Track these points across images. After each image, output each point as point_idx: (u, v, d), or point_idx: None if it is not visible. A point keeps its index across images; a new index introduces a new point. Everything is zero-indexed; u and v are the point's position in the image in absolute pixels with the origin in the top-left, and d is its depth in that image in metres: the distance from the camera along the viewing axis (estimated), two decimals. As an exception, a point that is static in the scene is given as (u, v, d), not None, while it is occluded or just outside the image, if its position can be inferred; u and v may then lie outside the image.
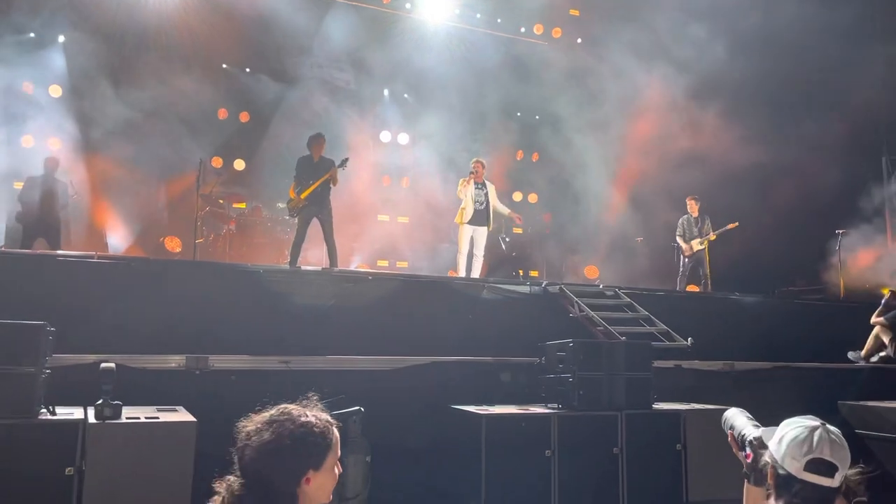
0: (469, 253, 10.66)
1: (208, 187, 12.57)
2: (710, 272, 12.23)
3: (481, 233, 10.71)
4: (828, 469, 2.16)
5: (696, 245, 12.02)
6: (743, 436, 2.62)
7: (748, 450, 2.54)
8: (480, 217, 10.61)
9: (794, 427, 2.26)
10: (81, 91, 13.98)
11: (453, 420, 5.84)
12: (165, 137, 14.16)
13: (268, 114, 15.62)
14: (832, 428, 2.24)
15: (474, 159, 11.01)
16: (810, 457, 2.17)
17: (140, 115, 14.01)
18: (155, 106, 14.08)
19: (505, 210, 11.18)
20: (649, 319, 8.58)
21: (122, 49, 14.34)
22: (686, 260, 12.14)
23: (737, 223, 12.22)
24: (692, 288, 12.60)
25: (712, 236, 12.08)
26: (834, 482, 2.16)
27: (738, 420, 2.72)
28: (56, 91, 14.03)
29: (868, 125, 15.17)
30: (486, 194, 10.70)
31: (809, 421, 2.26)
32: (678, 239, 12.31)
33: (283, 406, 2.30)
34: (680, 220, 12.39)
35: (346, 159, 10.03)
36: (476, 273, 10.73)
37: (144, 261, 9.61)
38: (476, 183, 10.66)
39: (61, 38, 14.13)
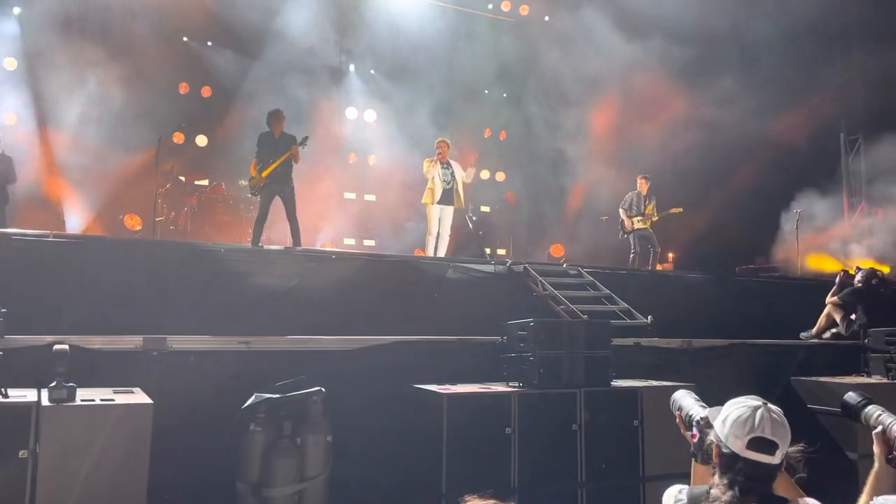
0: (437, 233, 10.76)
1: (169, 164, 12.34)
2: (662, 250, 12.48)
3: (448, 212, 10.81)
4: (769, 447, 2.23)
5: (638, 223, 12.17)
6: (690, 416, 2.69)
7: (694, 430, 2.61)
8: (448, 197, 10.67)
9: (737, 407, 2.32)
10: (37, 64, 13.59)
11: (415, 399, 5.86)
12: (124, 112, 13.85)
13: (230, 89, 15.35)
14: (773, 407, 2.31)
15: (439, 139, 11.01)
16: (752, 436, 2.24)
17: (98, 90, 13.66)
18: (114, 80, 13.73)
19: (468, 179, 11.09)
20: (611, 298, 8.70)
21: (81, 21, 13.91)
22: (633, 237, 12.29)
23: (681, 209, 12.46)
24: (661, 267, 12.83)
25: (655, 217, 12.27)
26: (775, 459, 2.24)
27: (686, 401, 2.79)
28: (11, 64, 13.62)
29: (826, 103, 15.44)
30: (453, 173, 10.73)
31: (752, 401, 2.33)
32: (621, 212, 12.45)
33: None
34: (627, 195, 12.54)
35: (307, 137, 9.93)
36: (442, 252, 10.76)
37: (101, 239, 9.44)
38: (442, 163, 10.70)
39: (16, 10, 13.69)
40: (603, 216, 14.65)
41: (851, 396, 2.81)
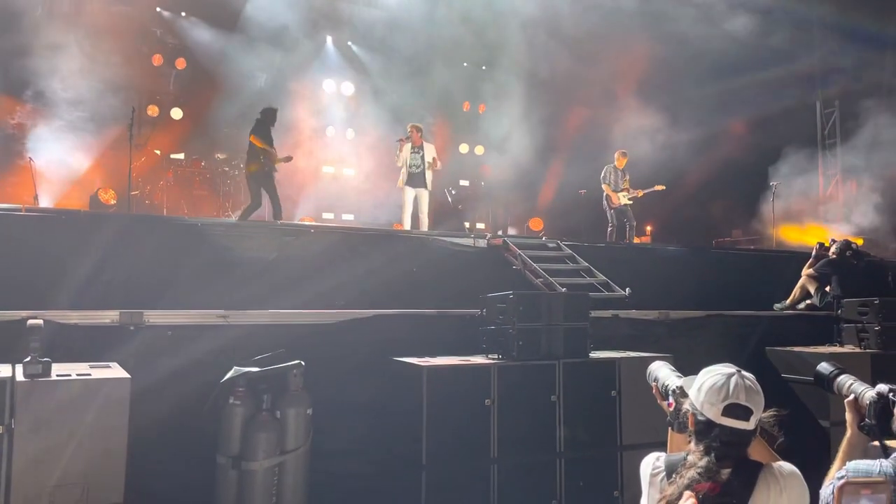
0: (413, 214, 11.10)
1: (143, 137, 12.14)
2: (640, 223, 12.56)
3: (422, 194, 11.10)
4: (744, 413, 2.26)
5: (623, 199, 12.19)
6: (666, 386, 2.72)
7: (671, 398, 2.64)
8: (416, 179, 11.02)
9: (711, 375, 2.35)
10: (6, 32, 13.23)
11: (395, 372, 5.87)
12: (97, 83, 13.56)
13: (205, 61, 15.06)
14: (747, 374, 2.35)
15: (409, 124, 11.37)
16: (727, 402, 2.27)
17: (69, 60, 13.35)
18: (86, 51, 13.42)
19: (436, 165, 11.34)
20: (589, 270, 8.75)
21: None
22: (611, 212, 12.30)
23: (664, 186, 12.50)
24: (639, 240, 12.91)
25: (639, 193, 12.30)
26: (749, 425, 2.28)
27: (662, 372, 2.82)
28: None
29: (803, 76, 15.55)
30: (423, 157, 11.02)
31: (726, 368, 2.36)
32: (605, 186, 12.39)
33: None
34: (606, 168, 12.46)
35: (290, 157, 10.59)
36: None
37: (76, 213, 9.29)
38: (413, 147, 11.02)
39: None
40: (581, 190, 14.70)
41: (824, 367, 2.85)
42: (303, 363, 5.32)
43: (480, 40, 16.81)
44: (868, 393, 2.56)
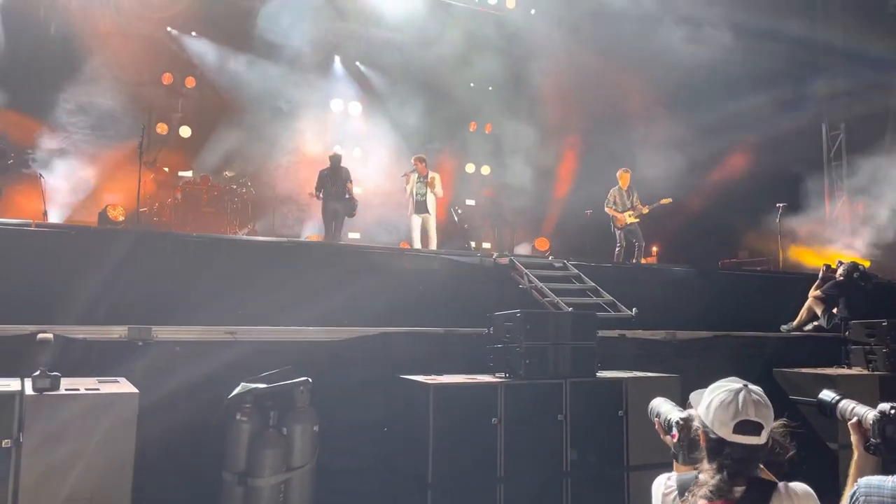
0: (421, 238, 11.78)
1: (152, 154, 12.24)
2: (646, 244, 12.52)
3: (427, 219, 11.83)
4: (754, 428, 2.27)
5: (629, 217, 12.17)
6: (668, 420, 2.71)
7: (674, 430, 2.63)
8: (421, 207, 11.77)
9: (719, 392, 2.35)
10: (19, 50, 13.41)
11: (402, 389, 5.87)
12: (108, 102, 13.72)
13: (215, 79, 15.21)
14: (754, 388, 2.35)
15: (414, 157, 12.08)
16: (737, 420, 2.27)
17: (81, 78, 13.51)
18: (97, 69, 13.59)
19: (440, 194, 12.14)
20: (596, 290, 8.75)
21: (63, 7, 13.72)
22: (619, 232, 12.29)
23: (670, 199, 12.43)
24: (646, 261, 12.86)
25: (645, 210, 12.24)
26: (761, 440, 2.28)
27: (664, 407, 2.82)
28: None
29: (809, 98, 15.61)
30: (426, 186, 11.78)
31: (733, 384, 2.36)
32: (609, 209, 12.40)
33: None
34: (610, 191, 12.49)
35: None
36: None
37: (85, 229, 9.34)
38: (419, 177, 11.76)
39: (-5, -4, 13.50)
40: (587, 210, 14.70)
41: (826, 394, 2.87)
42: (310, 380, 5.32)
43: (487, 60, 16.94)
44: (870, 413, 2.58)
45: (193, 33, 15.33)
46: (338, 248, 9.76)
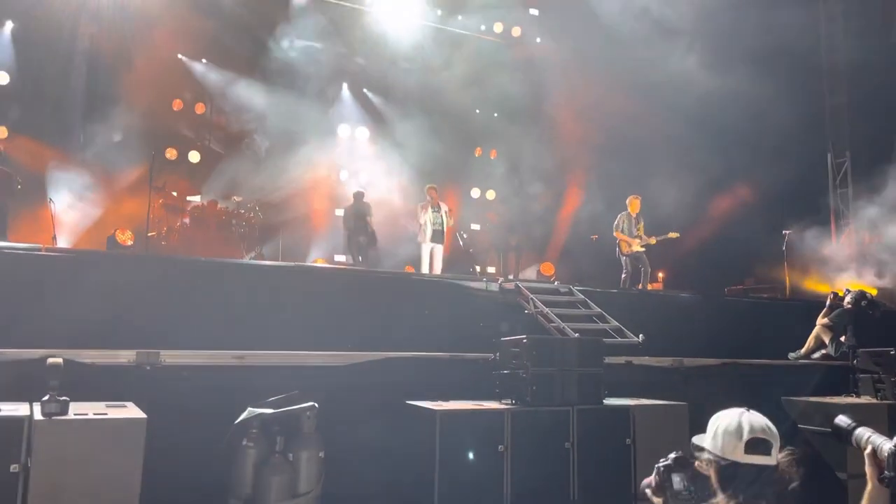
0: (429, 266, 12.03)
1: (161, 179, 12.35)
2: (652, 270, 12.49)
3: (439, 248, 12.21)
4: (765, 446, 2.28)
5: (637, 246, 12.11)
6: (658, 468, 2.68)
7: (654, 475, 2.60)
8: (437, 236, 12.15)
9: (723, 419, 2.37)
10: (31, 79, 13.61)
11: (408, 415, 5.86)
12: (118, 127, 13.89)
13: (224, 105, 15.39)
14: (754, 411, 2.38)
15: (428, 186, 12.43)
16: (747, 438, 2.28)
17: (91, 104, 13.70)
18: (108, 94, 13.78)
19: (451, 223, 12.58)
20: (602, 316, 8.73)
21: (75, 36, 13.94)
22: (625, 258, 12.23)
23: (678, 234, 12.41)
24: (652, 287, 12.82)
25: (652, 241, 12.18)
26: (772, 460, 2.29)
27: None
28: (3, 78, 13.63)
29: (815, 126, 15.67)
30: (442, 216, 12.17)
31: (733, 410, 2.38)
32: (618, 234, 12.32)
33: None
34: (619, 216, 12.41)
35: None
36: None
37: (94, 253, 9.40)
38: (433, 206, 12.14)
39: (9, 24, 13.72)
40: (593, 235, 14.72)
41: (842, 420, 2.84)
42: (316, 405, 5.32)
43: (493, 87, 17.11)
44: (886, 445, 2.54)
45: (204, 60, 15.53)
46: (343, 272, 9.79)
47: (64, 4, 13.36)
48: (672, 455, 2.59)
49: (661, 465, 2.59)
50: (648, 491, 2.67)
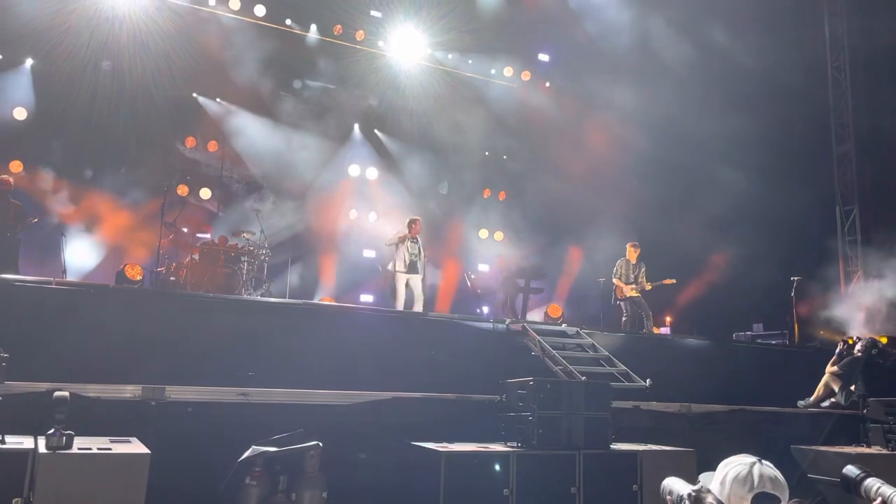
0: (407, 299, 11.73)
1: (172, 215, 12.47)
2: (660, 314, 12.47)
3: (416, 279, 11.84)
4: (772, 502, 2.23)
5: (631, 291, 12.18)
6: (680, 496, 2.66)
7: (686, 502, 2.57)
8: (413, 267, 11.76)
9: (733, 466, 2.33)
10: (47, 115, 13.87)
11: (413, 456, 5.81)
12: (130, 164, 14.10)
13: (236, 144, 15.61)
14: (767, 463, 2.33)
15: (411, 218, 12.16)
16: (755, 493, 2.24)
17: (105, 141, 13.92)
18: (122, 131, 14.02)
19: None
20: (609, 360, 8.68)
21: (92, 74, 14.21)
22: (622, 303, 12.30)
23: (674, 280, 12.49)
24: (659, 331, 12.79)
25: (648, 286, 12.24)
26: None
27: (676, 485, 2.75)
28: (21, 113, 13.88)
29: (823, 176, 15.74)
30: (420, 248, 11.87)
31: (746, 458, 2.34)
32: (615, 280, 12.43)
33: None
34: (618, 262, 12.55)
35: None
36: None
37: (103, 288, 9.43)
38: (412, 238, 11.83)
39: (29, 61, 14.03)
40: (600, 278, 14.71)
41: (850, 470, 2.80)
42: (320, 444, 5.29)
43: (502, 131, 17.31)
44: None
45: (218, 100, 15.81)
46: (350, 311, 9.79)
47: (84, 42, 13.64)
48: (693, 487, 2.53)
49: (689, 492, 2.53)
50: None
